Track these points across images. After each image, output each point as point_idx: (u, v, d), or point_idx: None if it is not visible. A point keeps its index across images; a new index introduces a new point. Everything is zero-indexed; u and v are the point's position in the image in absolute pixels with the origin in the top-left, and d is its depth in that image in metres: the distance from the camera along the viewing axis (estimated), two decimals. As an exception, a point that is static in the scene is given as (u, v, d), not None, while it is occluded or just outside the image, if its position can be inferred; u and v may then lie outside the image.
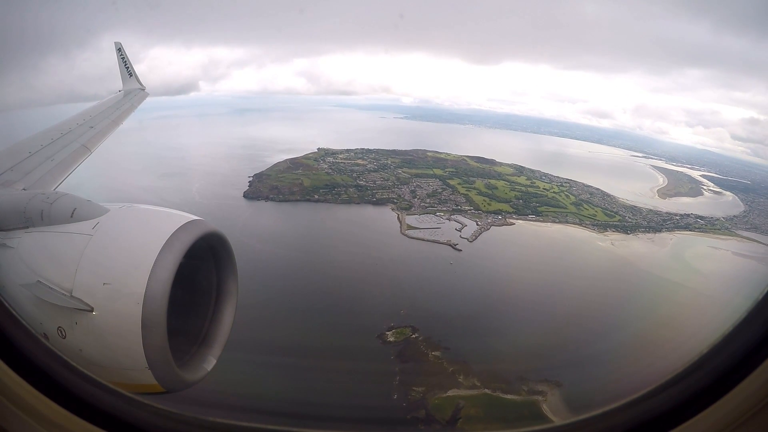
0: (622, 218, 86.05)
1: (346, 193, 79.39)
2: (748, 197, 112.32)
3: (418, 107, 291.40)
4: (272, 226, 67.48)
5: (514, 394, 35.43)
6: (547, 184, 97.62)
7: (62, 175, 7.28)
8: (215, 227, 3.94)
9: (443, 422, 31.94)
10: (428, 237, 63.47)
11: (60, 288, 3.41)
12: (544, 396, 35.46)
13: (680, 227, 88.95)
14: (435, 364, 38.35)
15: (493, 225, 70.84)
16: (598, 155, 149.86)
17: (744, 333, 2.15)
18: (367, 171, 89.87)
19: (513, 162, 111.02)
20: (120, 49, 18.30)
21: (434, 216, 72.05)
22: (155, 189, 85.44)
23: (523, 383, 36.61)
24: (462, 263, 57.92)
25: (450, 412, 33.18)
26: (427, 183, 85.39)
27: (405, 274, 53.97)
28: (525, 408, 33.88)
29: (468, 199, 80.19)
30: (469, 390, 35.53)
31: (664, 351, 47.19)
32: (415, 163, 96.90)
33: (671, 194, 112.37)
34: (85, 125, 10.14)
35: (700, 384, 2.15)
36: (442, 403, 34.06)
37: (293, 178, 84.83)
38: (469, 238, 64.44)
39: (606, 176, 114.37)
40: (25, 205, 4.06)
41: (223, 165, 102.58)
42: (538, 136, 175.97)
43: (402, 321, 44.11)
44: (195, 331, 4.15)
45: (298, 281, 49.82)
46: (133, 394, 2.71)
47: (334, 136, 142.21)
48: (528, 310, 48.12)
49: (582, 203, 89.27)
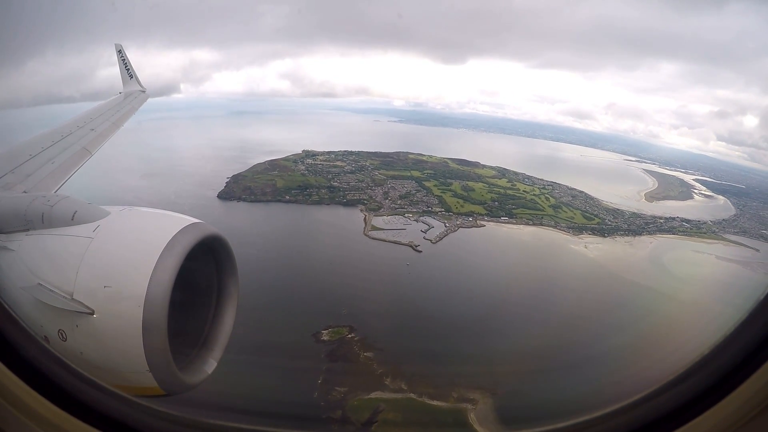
0: (602, 221, 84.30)
1: (317, 194, 79.18)
2: (741, 201, 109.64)
3: (413, 111, 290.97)
4: (236, 226, 67.29)
5: (441, 400, 34.19)
6: (528, 186, 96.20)
7: (63, 177, 7.29)
8: (216, 230, 3.97)
9: (358, 424, 31.10)
10: (390, 238, 62.74)
11: (61, 291, 3.41)
12: (474, 404, 34.13)
13: (663, 231, 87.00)
14: (364, 365, 37.53)
15: (462, 227, 69.80)
16: (591, 159, 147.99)
17: (745, 334, 2.13)
18: (344, 172, 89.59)
19: (498, 165, 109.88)
20: (120, 50, 18.14)
21: (402, 217, 71.32)
22: (134, 189, 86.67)
23: (454, 390, 35.40)
24: (420, 265, 57.02)
25: (367, 414, 32.29)
26: (402, 185, 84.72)
27: (358, 275, 53.21)
28: (449, 415, 32.66)
29: (441, 200, 79.32)
30: (393, 393, 34.54)
31: (620, 357, 45.84)
32: (393, 165, 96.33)
33: (659, 197, 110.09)
34: (86, 127, 10.22)
35: (701, 385, 2.14)
36: (361, 404, 33.21)
37: (268, 179, 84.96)
38: (433, 240, 63.53)
39: (594, 179, 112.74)
40: (26, 208, 4.04)
41: (204, 166, 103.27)
42: (532, 140, 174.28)
43: (342, 320, 43.40)
44: (196, 333, 4.20)
45: (245, 278, 49.25)
46: (134, 396, 2.75)
47: (324, 138, 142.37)
48: (478, 313, 47.00)
49: (561, 206, 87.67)
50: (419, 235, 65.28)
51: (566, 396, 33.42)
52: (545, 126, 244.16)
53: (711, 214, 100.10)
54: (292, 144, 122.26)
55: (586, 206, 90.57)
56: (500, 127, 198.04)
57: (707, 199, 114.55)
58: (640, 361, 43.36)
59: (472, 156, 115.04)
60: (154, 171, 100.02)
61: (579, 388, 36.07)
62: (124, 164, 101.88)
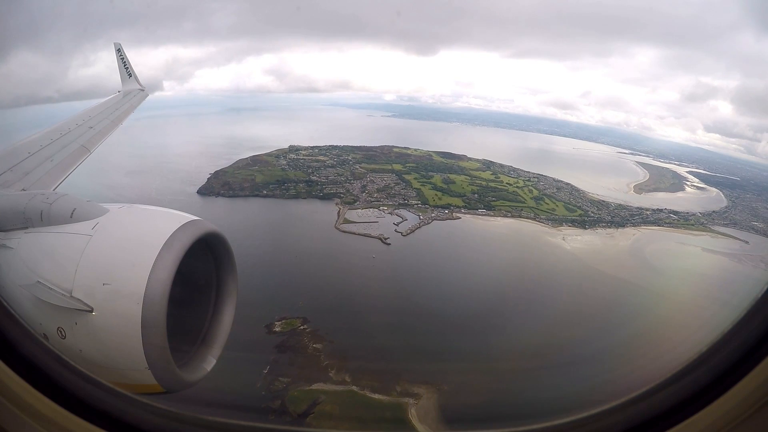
0: (584, 213, 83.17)
1: (295, 188, 79.08)
2: (734, 193, 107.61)
3: (408, 105, 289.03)
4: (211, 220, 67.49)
5: (383, 394, 33.78)
6: (513, 179, 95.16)
7: (62, 175, 7.31)
8: (215, 227, 3.95)
9: (294, 415, 30.95)
10: (360, 231, 62.40)
11: (60, 288, 3.41)
12: (417, 399, 33.56)
13: (648, 222, 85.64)
14: (311, 357, 37.33)
15: (436, 219, 69.25)
16: (583, 152, 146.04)
17: (743, 331, 2.11)
18: (325, 167, 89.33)
19: (484, 158, 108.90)
20: (119, 49, 18.09)
21: (377, 210, 70.95)
22: (117, 186, 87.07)
23: (398, 384, 34.84)
24: (387, 257, 56.67)
25: (306, 405, 32.14)
26: (381, 178, 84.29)
27: (323, 268, 53.09)
28: (389, 410, 32.27)
29: (419, 193, 78.79)
30: (335, 385, 34.29)
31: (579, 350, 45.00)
32: (376, 159, 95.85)
33: (649, 189, 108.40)
34: (84, 125, 10.29)
35: (699, 382, 2.13)
36: (301, 395, 33.04)
37: (247, 174, 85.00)
38: (404, 233, 63.09)
39: (583, 172, 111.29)
40: (25, 206, 4.05)
41: (189, 163, 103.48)
42: (526, 133, 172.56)
43: (297, 312, 43.25)
44: (195, 331, 4.19)
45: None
46: (133, 394, 2.74)
47: (316, 133, 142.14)
48: (438, 306, 46.43)
49: (544, 198, 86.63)
50: (392, 228, 64.91)
51: (517, 396, 32.97)
52: (541, 119, 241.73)
53: (701, 206, 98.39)
54: (281, 140, 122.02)
55: (570, 198, 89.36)
56: (495, 120, 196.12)
57: (699, 191, 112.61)
58: (599, 354, 42.70)
59: (460, 149, 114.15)
60: (139, 168, 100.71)
61: (532, 385, 35.48)
62: (112, 162, 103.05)
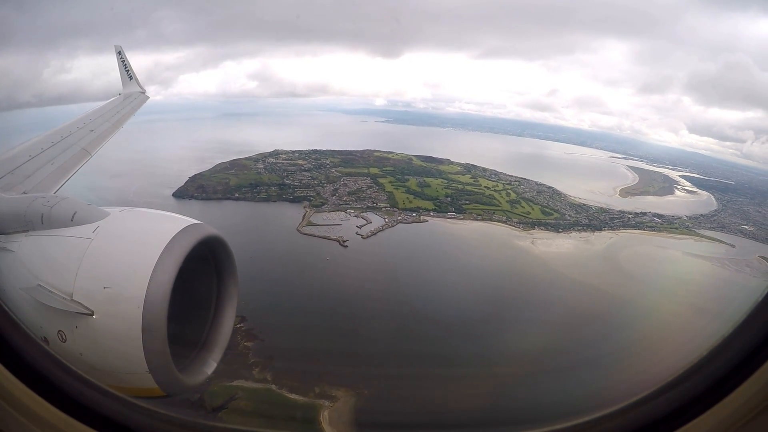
0: (561, 216, 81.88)
1: (266, 191, 79.52)
2: (726, 197, 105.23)
3: (404, 111, 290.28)
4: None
5: (299, 395, 33.35)
6: (492, 182, 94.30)
7: (62, 178, 7.36)
8: (215, 231, 3.98)
9: (209, 409, 30.70)
10: (320, 233, 62.25)
11: (60, 292, 3.41)
12: (333, 402, 33.01)
13: (629, 226, 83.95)
14: (239, 354, 37.07)
15: (402, 222, 68.81)
16: (575, 156, 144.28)
17: (744, 335, 2.13)
18: (301, 170, 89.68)
19: (468, 162, 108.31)
20: (120, 52, 18.12)
21: (344, 213, 70.80)
22: (99, 188, 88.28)
23: (318, 386, 34.21)
24: (342, 259, 56.33)
25: (221, 400, 31.92)
26: (355, 181, 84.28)
27: (277, 269, 52.96)
28: (300, 410, 31.87)
29: (390, 196, 78.49)
30: (256, 383, 34.03)
31: (526, 356, 43.75)
32: (353, 163, 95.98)
33: (636, 193, 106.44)
34: (85, 129, 10.39)
35: (700, 386, 2.14)
36: (220, 390, 32.63)
37: (222, 177, 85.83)
38: (364, 235, 62.74)
39: (570, 176, 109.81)
40: (26, 209, 4.05)
41: (172, 166, 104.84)
42: (520, 138, 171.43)
43: (238, 311, 42.88)
44: (195, 335, 4.27)
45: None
46: (134, 398, 2.73)
47: (306, 138, 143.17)
48: (384, 308, 45.86)
49: (521, 201, 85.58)
50: (354, 231, 64.64)
51: (436, 402, 32.26)
52: (536, 125, 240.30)
53: (689, 210, 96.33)
54: (269, 144, 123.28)
55: (549, 201, 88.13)
56: (489, 126, 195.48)
57: (689, 194, 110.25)
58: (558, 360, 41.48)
59: (446, 154, 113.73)
60: (124, 171, 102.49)
61: (463, 392, 34.64)
62: (99, 166, 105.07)
